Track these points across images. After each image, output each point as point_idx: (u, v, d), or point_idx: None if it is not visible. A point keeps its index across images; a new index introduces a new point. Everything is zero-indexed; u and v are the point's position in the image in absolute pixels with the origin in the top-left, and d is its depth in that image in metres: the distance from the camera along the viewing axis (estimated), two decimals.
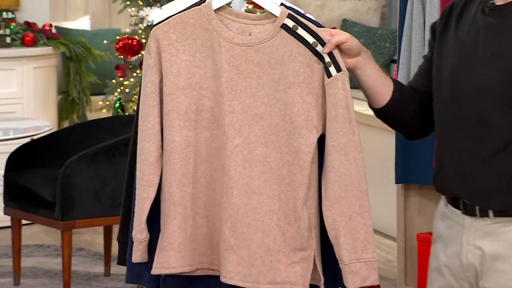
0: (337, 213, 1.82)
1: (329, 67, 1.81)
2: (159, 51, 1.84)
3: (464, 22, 1.88)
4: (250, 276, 1.81)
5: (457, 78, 1.85)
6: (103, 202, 3.73)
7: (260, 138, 1.81)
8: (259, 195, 1.81)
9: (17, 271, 3.93)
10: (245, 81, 1.82)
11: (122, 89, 4.75)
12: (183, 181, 1.83)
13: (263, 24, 1.84)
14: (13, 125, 4.08)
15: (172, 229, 1.84)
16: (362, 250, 1.82)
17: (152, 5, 4.68)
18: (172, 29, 1.84)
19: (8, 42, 4.94)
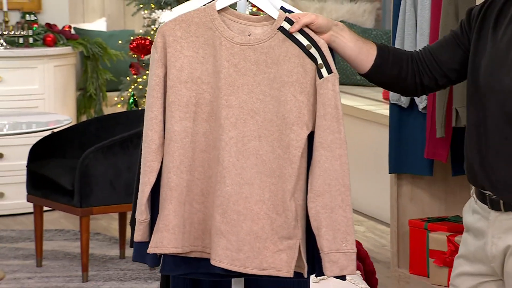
0: (320, 205, 1.81)
1: (321, 68, 1.81)
2: (165, 46, 1.84)
3: (502, 22, 1.84)
4: (238, 261, 1.81)
5: (489, 77, 1.82)
6: (118, 190, 3.73)
7: (254, 132, 1.82)
8: (250, 185, 1.81)
9: (39, 253, 3.93)
10: (242, 78, 1.82)
11: (136, 86, 4.74)
12: (181, 168, 1.83)
13: (262, 25, 1.84)
14: (36, 119, 4.08)
15: (168, 212, 1.84)
16: (341, 241, 1.82)
17: (163, 8, 4.67)
18: (177, 26, 1.84)
19: (31, 42, 4.93)
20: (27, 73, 4.84)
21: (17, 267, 3.93)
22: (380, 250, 4.20)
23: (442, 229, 3.44)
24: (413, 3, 3.41)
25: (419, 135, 3.44)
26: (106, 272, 3.87)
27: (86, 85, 5.27)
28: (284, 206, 1.81)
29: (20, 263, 4.00)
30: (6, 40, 4.85)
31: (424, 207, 3.63)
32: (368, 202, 4.77)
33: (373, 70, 1.90)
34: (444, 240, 3.39)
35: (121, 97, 4.87)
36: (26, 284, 3.71)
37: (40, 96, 4.87)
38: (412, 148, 3.47)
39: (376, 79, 1.93)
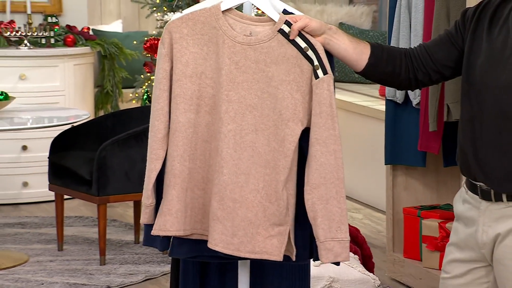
0: (316, 197, 1.81)
1: (317, 70, 1.81)
2: (171, 42, 1.84)
3: (497, 22, 1.83)
4: (232, 245, 1.81)
5: (484, 74, 1.81)
6: (133, 180, 3.72)
7: (251, 126, 1.81)
8: (246, 175, 1.81)
9: (61, 238, 3.93)
10: (242, 75, 1.82)
11: (149, 83, 4.73)
12: (184, 156, 1.83)
13: (263, 25, 1.84)
14: (57, 114, 4.07)
15: (171, 197, 1.84)
16: (336, 230, 1.81)
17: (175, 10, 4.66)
18: (184, 24, 1.84)
19: (52, 43, 4.92)
20: (49, 71, 4.84)
21: (40, 251, 3.93)
22: (377, 236, 4.19)
23: (434, 216, 3.43)
24: (408, 6, 3.40)
25: (413, 129, 3.43)
26: (122, 256, 3.86)
27: (103, 83, 5.26)
28: (276, 195, 1.81)
29: (43, 247, 4.00)
30: (29, 41, 4.84)
31: (418, 196, 3.61)
32: (365, 191, 4.76)
33: (368, 68, 1.89)
34: (436, 226, 3.38)
35: (135, 93, 4.87)
36: (48, 267, 3.71)
37: (61, 92, 4.86)
38: (406, 141, 3.45)
39: (372, 76, 1.93)
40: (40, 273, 3.63)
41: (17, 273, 3.63)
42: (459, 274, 1.88)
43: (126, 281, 3.55)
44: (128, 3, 5.97)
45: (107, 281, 3.54)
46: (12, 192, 4.76)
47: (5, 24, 4.87)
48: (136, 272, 3.65)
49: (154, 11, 4.77)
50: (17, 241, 4.09)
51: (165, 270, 3.66)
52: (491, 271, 1.85)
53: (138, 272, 3.65)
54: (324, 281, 2.88)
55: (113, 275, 3.62)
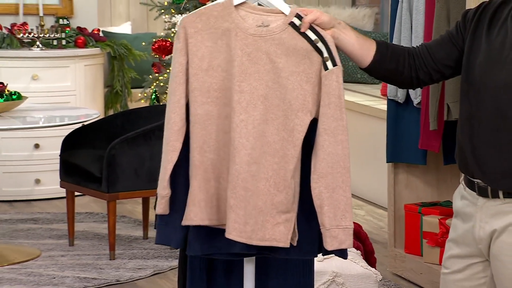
0: (323, 186, 1.81)
1: (327, 61, 1.81)
2: (186, 37, 1.83)
3: (495, 24, 1.83)
4: (245, 233, 1.81)
5: (483, 74, 1.81)
6: (141, 177, 3.72)
7: (262, 116, 1.81)
8: (257, 164, 1.80)
9: (72, 234, 3.93)
10: (254, 66, 1.81)
11: (157, 83, 4.73)
12: (204, 148, 1.83)
13: (275, 16, 1.83)
14: (68, 113, 4.07)
15: (193, 188, 1.83)
16: (341, 218, 1.81)
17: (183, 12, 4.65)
18: (198, 19, 1.84)
19: (64, 44, 4.92)
20: (61, 72, 4.84)
21: (52, 246, 3.94)
22: (379, 232, 4.18)
23: (435, 213, 3.42)
24: (409, 8, 3.39)
25: (414, 127, 3.42)
26: (131, 251, 3.87)
27: (113, 83, 5.26)
28: (285, 184, 1.81)
29: (55, 242, 4.00)
30: (42, 42, 4.85)
31: (418, 193, 3.61)
32: (367, 188, 4.75)
33: (373, 65, 1.89)
34: (436, 223, 3.37)
35: (144, 93, 4.87)
36: (59, 261, 3.71)
37: (72, 92, 4.87)
38: (407, 139, 3.45)
39: (376, 73, 1.92)
40: (51, 267, 3.63)
41: (29, 267, 3.64)
42: (457, 269, 1.87)
43: (135, 276, 3.55)
44: (137, 6, 5.97)
45: (117, 275, 3.54)
46: (25, 189, 4.77)
47: (18, 26, 4.88)
48: (144, 267, 3.65)
49: (162, 13, 4.77)
50: (29, 236, 4.10)
51: (173, 265, 3.66)
52: (488, 266, 1.85)
53: (146, 267, 3.65)
54: (327, 276, 2.88)
55: (123, 269, 3.62)
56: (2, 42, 4.83)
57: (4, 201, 4.74)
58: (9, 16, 5.02)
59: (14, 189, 4.75)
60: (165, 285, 3.49)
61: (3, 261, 3.68)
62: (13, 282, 3.46)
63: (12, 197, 4.75)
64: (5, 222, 4.33)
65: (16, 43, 4.83)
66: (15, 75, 4.71)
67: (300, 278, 2.06)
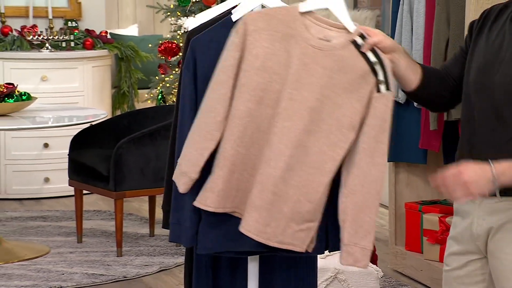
0: (351, 202, 1.79)
1: (381, 84, 1.78)
2: (246, 33, 1.80)
3: (495, 27, 1.83)
4: (264, 234, 1.79)
5: (481, 76, 1.81)
6: (148, 176, 3.71)
7: (306, 126, 1.78)
8: (291, 171, 1.78)
9: (80, 231, 3.93)
10: (308, 77, 1.78)
11: (164, 84, 4.73)
12: (237, 141, 1.80)
13: (338, 31, 1.81)
14: (76, 113, 4.07)
15: (217, 177, 1.81)
16: (361, 237, 1.79)
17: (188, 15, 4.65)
18: (261, 18, 1.81)
19: (72, 46, 4.92)
20: (69, 73, 4.84)
21: (61, 243, 3.93)
22: (380, 230, 4.17)
23: (435, 211, 3.41)
24: (409, 11, 3.38)
25: (415, 128, 3.41)
26: (137, 248, 3.86)
27: (120, 84, 5.26)
28: (316, 195, 1.79)
29: (63, 239, 4.00)
30: (51, 44, 4.85)
31: (419, 191, 3.60)
32: None
33: (418, 89, 1.88)
34: (436, 220, 3.36)
35: (150, 94, 4.86)
36: (68, 258, 3.71)
37: (80, 93, 4.87)
38: (408, 139, 3.44)
39: (419, 97, 1.91)
40: (60, 264, 3.63)
41: (39, 263, 3.64)
42: (457, 266, 1.87)
43: (141, 272, 3.54)
44: (144, 8, 5.96)
45: (124, 272, 3.53)
46: (35, 187, 4.77)
47: (28, 29, 4.88)
48: (151, 264, 3.64)
49: (168, 15, 4.77)
50: (39, 233, 4.10)
51: (179, 262, 3.66)
52: (487, 264, 1.84)
53: (153, 264, 3.64)
54: (329, 273, 2.87)
55: (129, 266, 3.61)
56: (12, 44, 4.83)
57: (14, 199, 4.74)
58: (19, 18, 5.02)
59: (24, 188, 4.75)
60: (171, 281, 3.49)
61: (13, 257, 3.68)
62: (23, 278, 3.46)
63: (22, 195, 4.76)
64: (15, 220, 4.33)
65: (26, 45, 4.84)
66: (25, 76, 4.71)
67: (303, 275, 2.04)
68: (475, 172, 1.70)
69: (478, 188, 1.70)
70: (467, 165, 1.71)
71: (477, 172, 1.70)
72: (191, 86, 1.89)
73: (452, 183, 1.70)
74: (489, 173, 1.70)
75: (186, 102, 1.89)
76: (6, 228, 4.17)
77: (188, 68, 1.89)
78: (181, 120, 1.90)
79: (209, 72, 1.86)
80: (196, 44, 1.89)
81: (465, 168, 1.70)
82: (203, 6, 4.57)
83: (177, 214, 1.89)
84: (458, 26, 3.16)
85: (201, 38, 1.90)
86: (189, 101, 1.89)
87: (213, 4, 4.43)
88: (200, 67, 1.89)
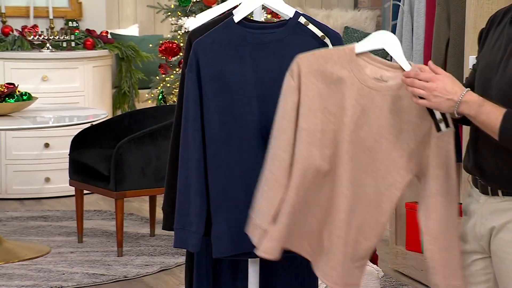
0: (437, 247, 1.81)
1: (440, 123, 1.77)
2: (300, 75, 1.79)
3: (497, 31, 1.85)
4: (330, 277, 1.81)
5: (483, 78, 1.82)
6: (148, 176, 3.71)
7: (364, 166, 1.79)
8: (352, 212, 1.80)
9: (80, 231, 3.93)
10: (366, 118, 1.78)
11: (164, 84, 4.73)
12: (300, 188, 1.79)
13: (394, 71, 1.80)
14: (77, 113, 4.07)
15: (280, 225, 1.78)
16: (452, 278, 1.82)
17: (189, 15, 4.65)
18: (315, 60, 1.80)
19: (73, 46, 4.92)
20: (70, 73, 4.84)
21: (61, 243, 3.93)
22: None
23: None
24: (410, 11, 3.38)
25: None
26: (138, 248, 3.86)
27: (121, 84, 5.26)
28: (372, 234, 1.81)
29: (64, 239, 4.00)
30: (51, 44, 4.85)
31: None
32: None
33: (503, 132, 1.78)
34: None
35: (151, 94, 4.86)
36: (69, 258, 3.71)
37: (80, 93, 4.87)
38: None
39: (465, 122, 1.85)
40: (61, 263, 3.63)
41: (39, 263, 3.64)
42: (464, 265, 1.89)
43: (142, 272, 3.54)
44: (144, 8, 5.96)
45: (124, 272, 3.53)
46: (35, 187, 4.77)
47: (29, 29, 4.88)
48: (151, 263, 3.64)
49: (169, 15, 4.77)
50: (39, 233, 4.10)
51: (180, 262, 3.66)
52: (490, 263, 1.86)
53: (153, 263, 3.64)
54: None
55: (130, 266, 3.61)
56: (13, 44, 4.83)
57: (15, 199, 4.74)
58: (20, 18, 5.03)
59: (24, 188, 4.75)
60: (171, 281, 3.49)
61: (14, 257, 3.68)
62: (23, 278, 3.46)
63: (22, 195, 4.76)
64: (16, 220, 4.33)
65: (27, 45, 4.84)
66: (26, 76, 4.71)
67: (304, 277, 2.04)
68: (445, 88, 1.69)
69: (437, 102, 1.69)
70: (444, 77, 1.70)
71: (447, 88, 1.69)
72: (195, 89, 1.88)
73: (421, 83, 1.69)
74: (456, 96, 1.69)
75: (189, 105, 1.88)
76: (7, 228, 4.17)
77: (192, 70, 1.88)
78: (185, 124, 1.89)
79: (212, 73, 1.85)
80: (198, 46, 1.88)
81: (441, 79, 1.69)
82: (203, 6, 4.57)
83: (182, 219, 1.88)
84: (459, 26, 3.16)
85: (203, 41, 1.89)
86: (192, 104, 1.88)
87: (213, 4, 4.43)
88: (203, 68, 1.88)
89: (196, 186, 1.88)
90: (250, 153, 1.90)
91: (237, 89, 1.89)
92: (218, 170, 1.90)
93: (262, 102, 1.89)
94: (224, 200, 1.91)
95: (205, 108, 1.88)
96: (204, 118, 1.89)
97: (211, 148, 1.90)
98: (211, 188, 1.90)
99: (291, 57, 1.80)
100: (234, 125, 1.89)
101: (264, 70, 1.89)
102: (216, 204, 1.90)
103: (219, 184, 1.90)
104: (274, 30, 1.91)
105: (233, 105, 1.89)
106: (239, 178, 1.90)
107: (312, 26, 1.84)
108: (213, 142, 1.89)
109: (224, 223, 1.89)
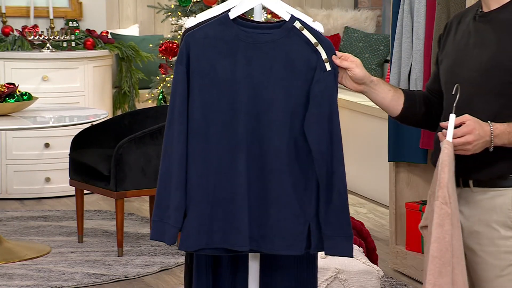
0: None
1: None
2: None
3: (461, 29, 1.91)
4: (439, 286, 1.79)
5: (453, 74, 1.88)
6: (148, 176, 3.71)
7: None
8: None
9: (81, 231, 3.93)
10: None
11: (164, 84, 4.73)
12: None
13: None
14: (77, 113, 4.07)
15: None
16: None
17: (189, 15, 4.65)
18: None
19: (73, 46, 4.92)
20: (70, 73, 4.85)
21: (61, 243, 3.94)
22: (380, 229, 4.17)
23: None
24: (410, 11, 3.38)
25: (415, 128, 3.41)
26: (138, 247, 3.86)
27: (121, 84, 5.26)
28: None
29: (64, 239, 4.00)
30: (51, 44, 4.85)
31: (419, 191, 3.60)
32: (369, 186, 4.74)
33: (404, 112, 1.94)
34: None
35: (151, 94, 4.86)
36: (69, 258, 3.72)
37: (81, 93, 4.87)
38: (408, 139, 3.44)
39: (408, 119, 1.97)
40: (61, 263, 3.64)
41: (40, 263, 3.64)
42: None
43: (142, 272, 3.55)
44: (145, 8, 5.96)
45: (125, 272, 3.54)
46: (36, 187, 4.77)
47: (29, 29, 4.88)
48: (152, 263, 3.65)
49: (169, 15, 4.77)
50: (40, 233, 4.10)
51: (180, 262, 3.66)
52: None
53: (153, 263, 3.65)
54: (330, 272, 2.87)
55: (130, 266, 3.62)
56: (13, 44, 4.83)
57: (15, 199, 4.75)
58: (20, 19, 5.03)
59: (24, 187, 4.76)
60: (172, 281, 3.49)
61: (14, 257, 3.68)
62: (24, 278, 3.46)
63: (23, 195, 4.76)
64: (16, 220, 4.34)
65: (27, 45, 4.84)
66: (26, 76, 4.71)
67: (303, 274, 2.04)
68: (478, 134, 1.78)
69: (477, 150, 1.79)
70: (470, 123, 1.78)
71: (480, 133, 1.78)
72: (183, 82, 1.84)
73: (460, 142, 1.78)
74: (488, 136, 1.78)
75: (176, 98, 1.84)
76: (7, 228, 4.18)
77: (181, 62, 1.84)
78: (171, 117, 1.85)
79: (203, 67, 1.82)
80: (190, 38, 1.85)
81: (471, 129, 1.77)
82: (204, 6, 4.58)
83: (160, 211, 1.85)
84: None
85: (195, 33, 1.85)
86: (179, 97, 1.84)
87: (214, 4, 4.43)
88: (193, 62, 1.84)
89: (177, 179, 1.84)
90: (228, 152, 1.85)
91: (225, 87, 1.85)
92: (194, 164, 1.86)
93: (250, 101, 1.85)
94: (196, 194, 1.87)
95: (190, 102, 1.84)
96: (188, 111, 1.85)
97: (191, 142, 1.86)
98: (187, 181, 1.87)
99: (283, 59, 1.79)
100: (216, 122, 1.85)
101: (255, 70, 1.86)
102: (189, 198, 1.87)
103: (194, 178, 1.86)
104: (269, 30, 1.88)
105: (219, 102, 1.85)
106: (214, 175, 1.85)
107: (307, 32, 1.83)
108: (193, 136, 1.85)
109: (195, 217, 1.86)
